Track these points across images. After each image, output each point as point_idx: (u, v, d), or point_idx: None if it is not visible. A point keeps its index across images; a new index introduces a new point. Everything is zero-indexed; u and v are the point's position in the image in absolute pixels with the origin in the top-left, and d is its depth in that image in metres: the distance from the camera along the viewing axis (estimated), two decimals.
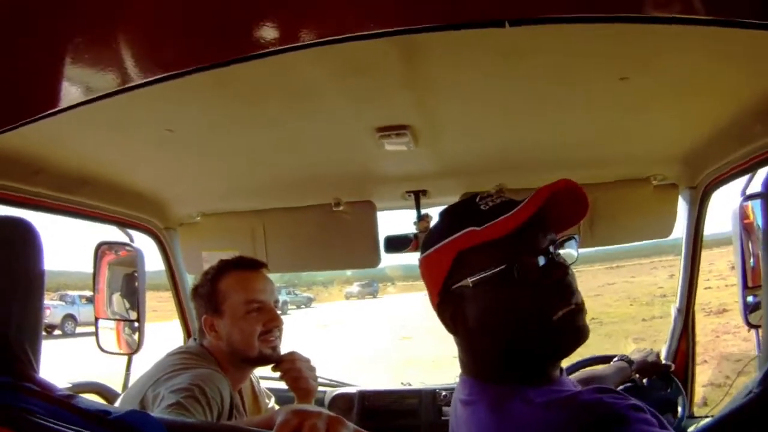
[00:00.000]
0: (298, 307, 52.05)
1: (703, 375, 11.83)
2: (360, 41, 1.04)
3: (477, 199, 1.58)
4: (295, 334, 27.57)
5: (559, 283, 1.47)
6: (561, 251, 1.56)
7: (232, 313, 2.52)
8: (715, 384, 11.06)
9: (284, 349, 2.67)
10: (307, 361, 2.74)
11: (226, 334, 2.52)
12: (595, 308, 28.86)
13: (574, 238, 1.60)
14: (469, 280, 1.50)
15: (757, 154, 2.55)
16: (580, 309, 1.49)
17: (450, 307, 1.57)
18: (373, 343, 24.92)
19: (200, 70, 1.15)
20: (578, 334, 1.48)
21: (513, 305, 1.47)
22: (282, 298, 46.71)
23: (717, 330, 18.64)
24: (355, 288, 64.13)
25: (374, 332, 29.80)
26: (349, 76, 1.83)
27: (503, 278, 1.45)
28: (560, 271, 1.47)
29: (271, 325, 2.56)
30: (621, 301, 32.49)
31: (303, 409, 0.98)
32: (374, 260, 3.38)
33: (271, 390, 3.06)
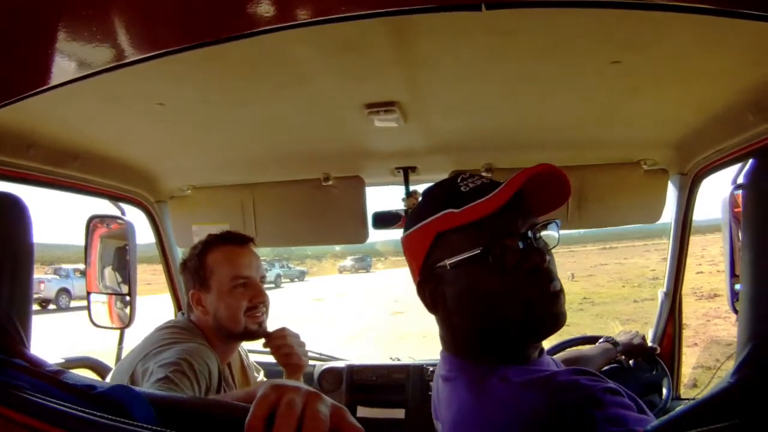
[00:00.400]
0: (292, 280, 52.20)
1: (693, 357, 11.91)
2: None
3: (458, 180, 1.60)
4: (289, 307, 27.66)
5: (536, 269, 1.48)
6: (543, 233, 1.57)
7: (218, 288, 2.54)
8: (705, 366, 11.14)
9: (279, 322, 2.69)
10: (297, 336, 2.75)
11: (213, 309, 2.54)
12: (587, 288, 28.97)
13: (555, 222, 1.60)
14: (447, 262, 1.52)
15: (748, 143, 2.55)
16: (557, 295, 1.51)
17: (429, 287, 1.59)
18: (365, 318, 24.96)
19: (192, 47, 1.16)
20: (555, 319, 1.49)
21: (489, 288, 1.49)
22: (275, 271, 46.82)
23: (708, 314, 18.71)
24: (348, 262, 64.31)
25: (367, 307, 29.83)
26: (338, 54, 1.84)
27: (480, 261, 1.47)
28: (538, 257, 1.48)
29: (257, 300, 2.58)
30: (613, 282, 32.55)
31: (282, 383, 0.98)
32: (362, 236, 3.39)
33: (260, 364, 3.08)
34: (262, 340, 2.69)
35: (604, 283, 31.96)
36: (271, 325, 2.70)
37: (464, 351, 1.60)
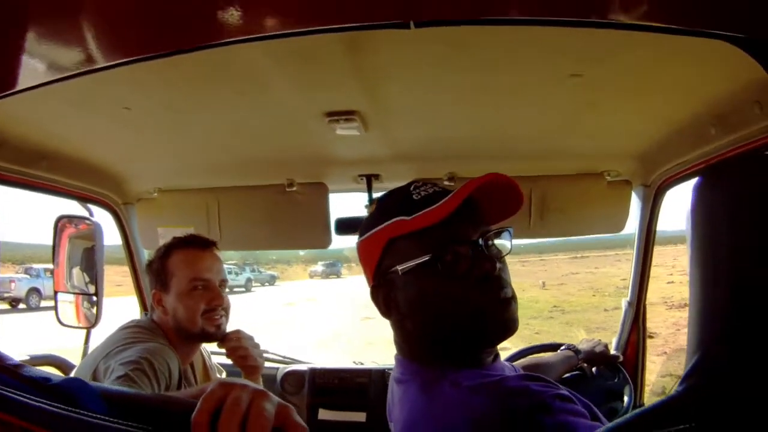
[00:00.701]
0: (263, 284, 52.01)
1: (662, 366, 11.96)
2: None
3: (411, 188, 1.62)
4: (260, 311, 27.56)
5: (487, 276, 1.49)
6: (496, 242, 1.58)
7: (177, 290, 2.56)
8: (674, 375, 11.17)
9: (250, 326, 2.70)
10: (251, 338, 2.78)
11: (172, 310, 2.57)
12: (558, 296, 29.06)
13: (507, 230, 1.61)
14: (399, 268, 1.53)
15: (710, 156, 2.58)
16: (508, 302, 1.52)
17: (383, 292, 1.61)
18: (335, 323, 24.94)
19: (158, 56, 1.18)
20: (505, 326, 1.51)
21: (439, 294, 1.50)
22: (246, 275, 46.70)
23: (678, 323, 18.80)
24: (319, 267, 64.22)
25: (338, 312, 29.82)
26: (296, 63, 1.85)
27: (430, 267, 1.49)
28: (488, 264, 1.49)
29: (214, 303, 2.60)
30: (584, 291, 32.62)
31: (231, 381, 1.00)
32: (325, 241, 3.40)
33: (223, 365, 3.09)
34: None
35: (574, 292, 32.05)
36: (243, 328, 2.72)
37: (417, 355, 1.62)
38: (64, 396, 1.05)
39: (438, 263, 1.48)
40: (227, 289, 2.72)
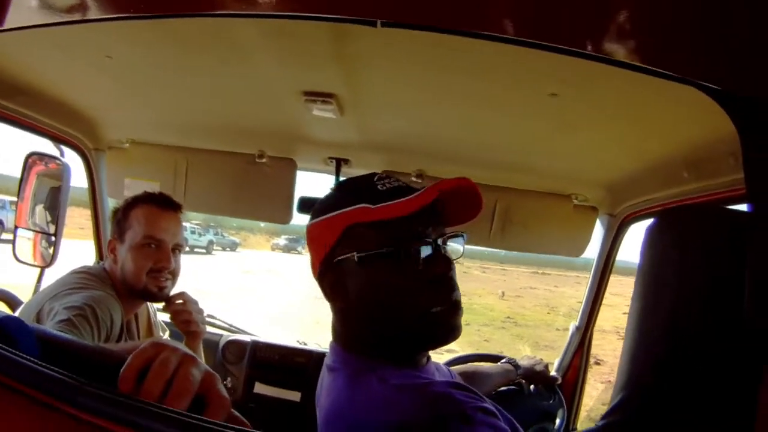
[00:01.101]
0: (224, 249, 51.84)
1: (606, 393, 12.08)
2: None
3: (375, 179, 1.62)
4: (218, 275, 27.50)
5: (441, 277, 1.52)
6: (449, 245, 1.60)
7: (130, 243, 2.58)
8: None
9: (205, 288, 2.72)
10: (196, 303, 2.80)
11: (121, 261, 2.59)
12: (513, 308, 29.15)
13: (462, 235, 1.63)
14: (355, 255, 1.53)
15: (679, 198, 2.62)
16: (457, 307, 1.54)
17: (331, 278, 1.61)
18: (289, 296, 24.93)
19: (143, 18, 1.19)
20: (451, 331, 1.53)
21: (392, 288, 1.51)
22: (209, 237, 46.41)
23: None
24: (282, 241, 63.99)
25: (292, 285, 29.82)
26: (279, 38, 1.86)
27: (387, 260, 1.50)
28: (444, 265, 1.52)
29: (160, 265, 2.61)
30: (540, 307, 32.68)
31: (162, 342, 1.02)
32: (285, 217, 3.41)
33: (167, 323, 3.09)
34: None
35: (530, 306, 32.11)
36: (197, 289, 2.73)
37: (352, 345, 1.64)
38: (0, 334, 1.06)
39: (398, 256, 1.49)
40: (187, 248, 2.73)
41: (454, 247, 1.64)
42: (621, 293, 3.52)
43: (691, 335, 1.06)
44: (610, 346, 18.33)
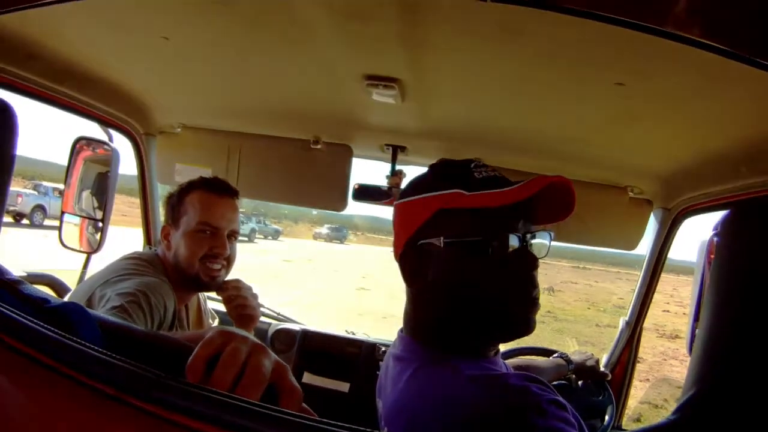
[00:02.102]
0: (266, 237, 52.30)
1: (642, 392, 11.96)
2: None
3: (472, 165, 1.61)
4: (258, 263, 27.68)
5: (525, 273, 1.52)
6: (534, 242, 1.59)
7: (185, 228, 2.58)
8: (652, 404, 11.20)
9: (244, 273, 2.70)
10: (250, 288, 2.79)
11: (175, 246, 2.59)
12: (553, 303, 29.03)
13: (550, 232, 1.63)
14: (442, 240, 1.53)
15: (736, 193, 2.57)
16: (534, 304, 1.54)
17: (414, 261, 1.60)
18: (330, 288, 24.97)
19: None
20: (527, 327, 1.53)
21: (475, 277, 1.51)
22: (251, 225, 46.93)
23: (666, 353, 18.78)
24: (324, 230, 64.42)
25: (334, 277, 29.90)
26: (348, 20, 1.82)
27: (474, 248, 1.50)
28: (531, 262, 1.52)
29: (215, 251, 2.60)
30: (580, 302, 32.57)
31: (231, 330, 0.99)
32: (341, 205, 3.37)
33: (216, 312, 3.10)
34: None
35: (570, 301, 31.97)
36: (234, 275, 2.72)
37: (425, 333, 1.62)
38: (62, 320, 1.04)
39: (485, 247, 1.49)
40: None
41: (542, 244, 1.64)
42: (660, 290, 3.44)
43: (766, 331, 1.01)
44: (648, 345, 18.21)
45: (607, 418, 3.09)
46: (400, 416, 1.46)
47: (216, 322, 3.00)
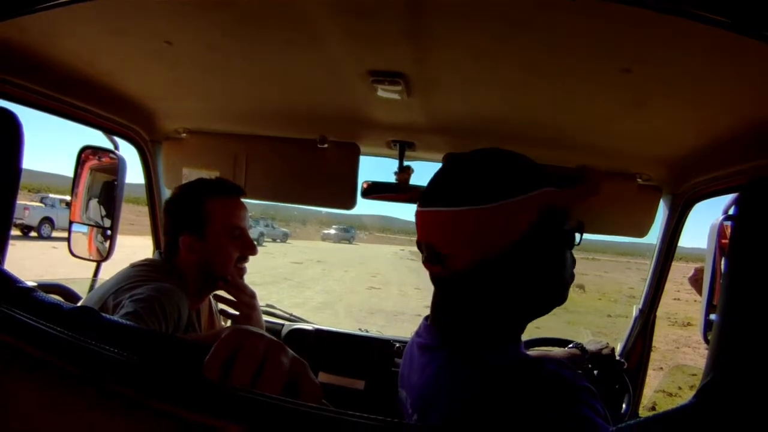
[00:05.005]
0: (274, 240, 52.28)
1: (656, 381, 11.95)
2: None
3: (527, 158, 1.65)
4: (268, 266, 27.74)
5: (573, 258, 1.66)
6: None
7: (215, 237, 2.58)
8: (666, 392, 11.19)
9: (256, 278, 2.72)
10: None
11: (205, 255, 2.58)
12: None
13: (583, 225, 1.68)
14: (548, 236, 1.57)
15: (745, 175, 2.58)
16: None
17: (510, 261, 1.55)
18: (340, 289, 25.01)
19: None
20: (565, 299, 1.69)
21: (571, 266, 1.68)
22: (259, 229, 46.92)
23: (678, 341, 18.79)
24: (332, 231, 64.54)
25: (345, 278, 29.94)
26: (351, 16, 1.81)
27: (571, 239, 1.63)
28: (576, 243, 1.66)
29: (248, 252, 2.65)
30: (590, 293, 32.57)
31: (248, 329, 0.99)
32: (350, 203, 3.37)
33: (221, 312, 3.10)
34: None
35: (580, 292, 31.95)
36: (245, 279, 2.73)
37: (462, 322, 1.62)
38: (77, 325, 1.04)
39: (572, 239, 1.63)
40: None
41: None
42: (670, 278, 3.43)
43: None
44: (660, 333, 18.19)
45: (624, 406, 3.08)
46: (435, 403, 1.48)
47: (229, 324, 3.00)
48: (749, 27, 0.98)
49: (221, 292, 2.78)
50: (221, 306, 2.92)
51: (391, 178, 3.31)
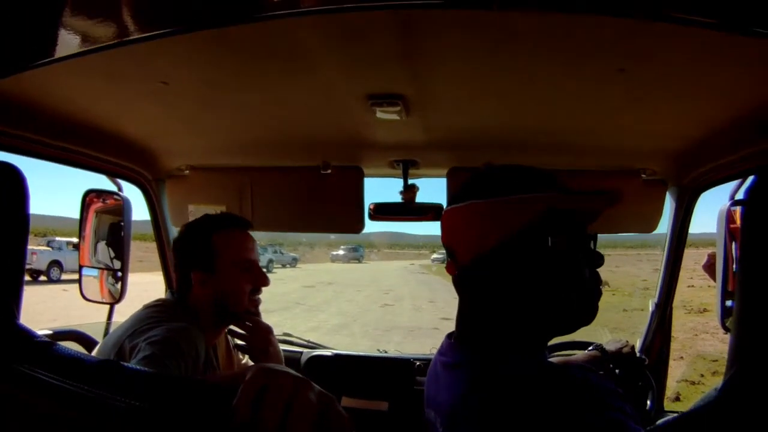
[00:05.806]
0: (284, 266, 52.19)
1: (678, 371, 11.90)
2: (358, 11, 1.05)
3: (538, 168, 1.66)
4: (280, 292, 27.74)
5: (596, 269, 1.60)
6: None
7: (225, 271, 2.57)
8: (689, 381, 11.14)
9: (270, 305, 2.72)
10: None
11: (217, 291, 2.57)
12: None
13: (596, 235, 1.66)
14: (550, 239, 1.54)
15: (751, 161, 2.57)
16: (601, 294, 1.62)
17: (505, 259, 1.58)
18: (354, 308, 24.94)
19: (198, 28, 1.16)
20: (593, 315, 1.61)
21: (570, 273, 1.57)
22: (267, 256, 46.80)
23: (696, 328, 18.70)
24: (340, 252, 64.47)
25: (357, 297, 29.88)
26: (345, 42, 1.82)
27: (579, 246, 1.57)
28: (601, 260, 1.60)
29: (260, 284, 2.64)
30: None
31: (272, 368, 0.99)
32: (359, 226, 3.37)
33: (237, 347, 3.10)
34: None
35: None
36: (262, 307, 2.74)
37: (489, 335, 1.62)
38: (101, 378, 1.04)
39: (581, 245, 1.57)
40: None
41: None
42: (683, 266, 3.43)
43: None
44: (678, 322, 18.08)
45: (648, 403, 3.07)
46: (466, 421, 1.47)
47: (246, 358, 2.99)
48: (737, 26, 0.99)
49: (237, 327, 2.78)
50: (237, 341, 2.92)
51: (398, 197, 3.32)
